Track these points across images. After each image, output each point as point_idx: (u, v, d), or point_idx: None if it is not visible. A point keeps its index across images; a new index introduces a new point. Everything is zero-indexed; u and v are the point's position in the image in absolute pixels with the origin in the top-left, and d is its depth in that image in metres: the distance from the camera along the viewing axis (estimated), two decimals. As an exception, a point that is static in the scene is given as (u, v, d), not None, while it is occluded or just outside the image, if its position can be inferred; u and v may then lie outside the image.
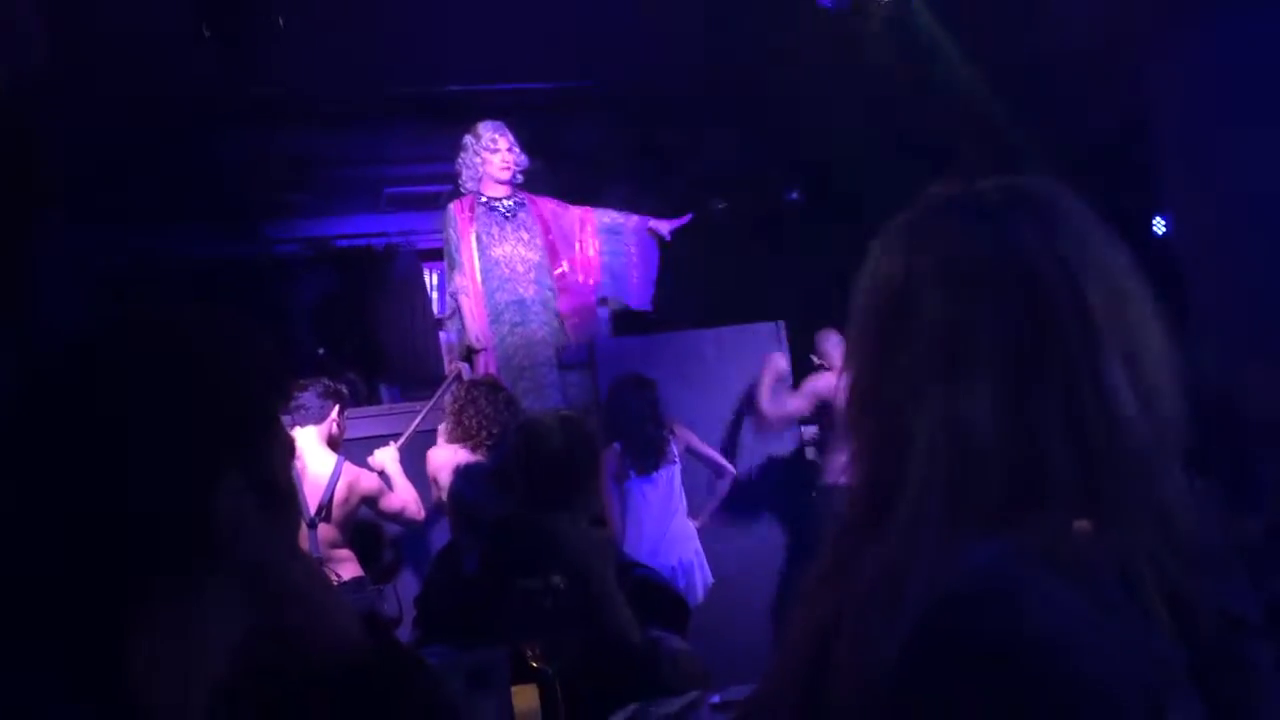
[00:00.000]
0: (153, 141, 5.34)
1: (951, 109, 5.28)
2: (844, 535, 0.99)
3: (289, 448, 1.01)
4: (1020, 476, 0.87)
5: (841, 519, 1.00)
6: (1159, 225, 6.02)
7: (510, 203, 5.30)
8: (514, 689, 1.95)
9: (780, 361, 5.24)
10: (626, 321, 5.59)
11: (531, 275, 5.23)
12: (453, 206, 5.29)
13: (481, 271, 5.13)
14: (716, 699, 2.16)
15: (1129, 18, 4.97)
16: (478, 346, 4.97)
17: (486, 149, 5.20)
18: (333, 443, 4.39)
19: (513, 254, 5.21)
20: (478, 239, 5.17)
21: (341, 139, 6.02)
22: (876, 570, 0.88)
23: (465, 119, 5.45)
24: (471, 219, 5.21)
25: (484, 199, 5.27)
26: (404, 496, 4.41)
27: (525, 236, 5.25)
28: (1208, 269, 4.80)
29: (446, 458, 4.24)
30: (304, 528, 4.13)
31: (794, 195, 6.51)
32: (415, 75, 5.58)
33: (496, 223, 5.23)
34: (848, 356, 1.03)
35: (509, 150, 5.21)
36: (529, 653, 1.90)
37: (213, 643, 0.91)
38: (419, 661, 1.12)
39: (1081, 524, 0.87)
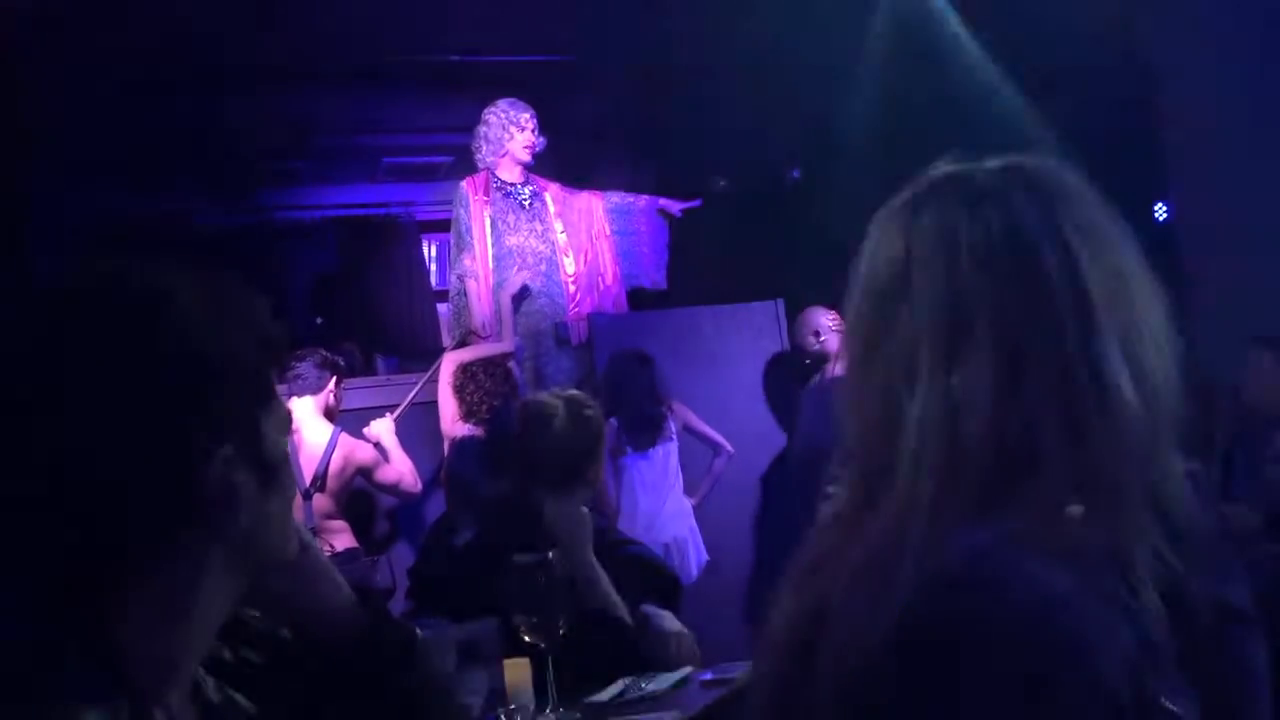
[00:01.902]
0: (150, 104, 5.31)
1: (956, 87, 5.25)
2: (836, 515, 0.99)
3: (285, 419, 1.00)
4: (1013, 458, 0.87)
5: (834, 499, 1.00)
6: (1161, 211, 6.00)
7: (528, 191, 5.21)
8: (505, 662, 1.96)
9: None
10: (634, 300, 5.57)
11: (542, 268, 5.17)
12: (465, 185, 5.20)
13: (494, 259, 5.07)
14: (708, 675, 2.18)
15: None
16: (481, 333, 4.94)
17: (516, 125, 5.09)
18: (329, 414, 4.39)
19: (525, 245, 5.13)
20: (492, 224, 5.09)
21: (341, 107, 5.98)
22: (867, 550, 0.88)
23: (467, 90, 5.41)
24: (487, 201, 5.12)
25: (499, 182, 5.17)
26: (400, 468, 4.42)
27: (539, 228, 5.18)
28: (1209, 256, 4.80)
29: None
30: (299, 498, 4.13)
31: (796, 174, 6.48)
32: (417, 43, 5.54)
33: (513, 210, 5.14)
34: (845, 336, 1.02)
35: (534, 131, 5.12)
36: (521, 627, 1.90)
37: (201, 611, 0.91)
38: (410, 633, 1.12)
39: (1075, 508, 0.87)
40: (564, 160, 5.68)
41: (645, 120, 6.26)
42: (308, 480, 4.23)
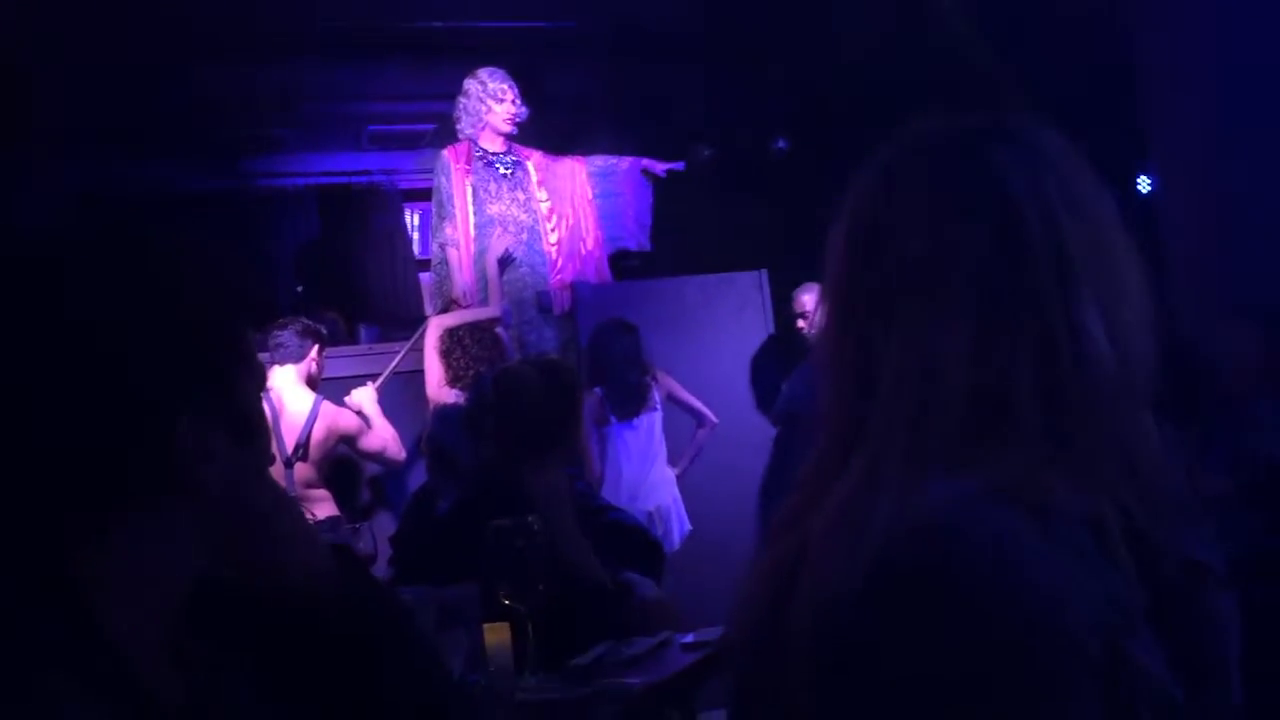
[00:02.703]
0: (136, 69, 5.25)
1: (941, 54, 5.23)
2: (813, 469, 0.99)
3: (260, 378, 1.00)
4: (988, 413, 0.87)
5: (811, 456, 1.01)
6: (1144, 184, 6.01)
7: (509, 160, 5.18)
8: (485, 626, 1.96)
9: None
10: (617, 269, 5.56)
11: (524, 237, 5.15)
12: (447, 153, 5.18)
13: (476, 228, 5.06)
14: (689, 638, 2.19)
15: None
16: (463, 302, 4.93)
17: (493, 98, 5.06)
18: (311, 382, 4.39)
19: (506, 214, 5.11)
20: (474, 193, 5.07)
21: (326, 73, 5.93)
22: (840, 504, 0.89)
23: (451, 57, 5.37)
24: (468, 170, 5.10)
25: (480, 152, 5.15)
26: (383, 435, 4.42)
27: (520, 197, 5.16)
28: (1191, 227, 4.80)
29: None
30: (280, 466, 4.13)
31: (781, 143, 6.46)
32: (402, 10, 5.49)
33: (494, 179, 5.12)
34: (823, 289, 1.02)
35: (513, 103, 5.08)
36: (501, 591, 1.91)
37: (172, 570, 0.90)
38: (390, 593, 1.12)
39: (1048, 463, 0.87)
40: (548, 128, 5.65)
41: (630, 88, 6.23)
42: (289, 449, 4.23)
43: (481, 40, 5.67)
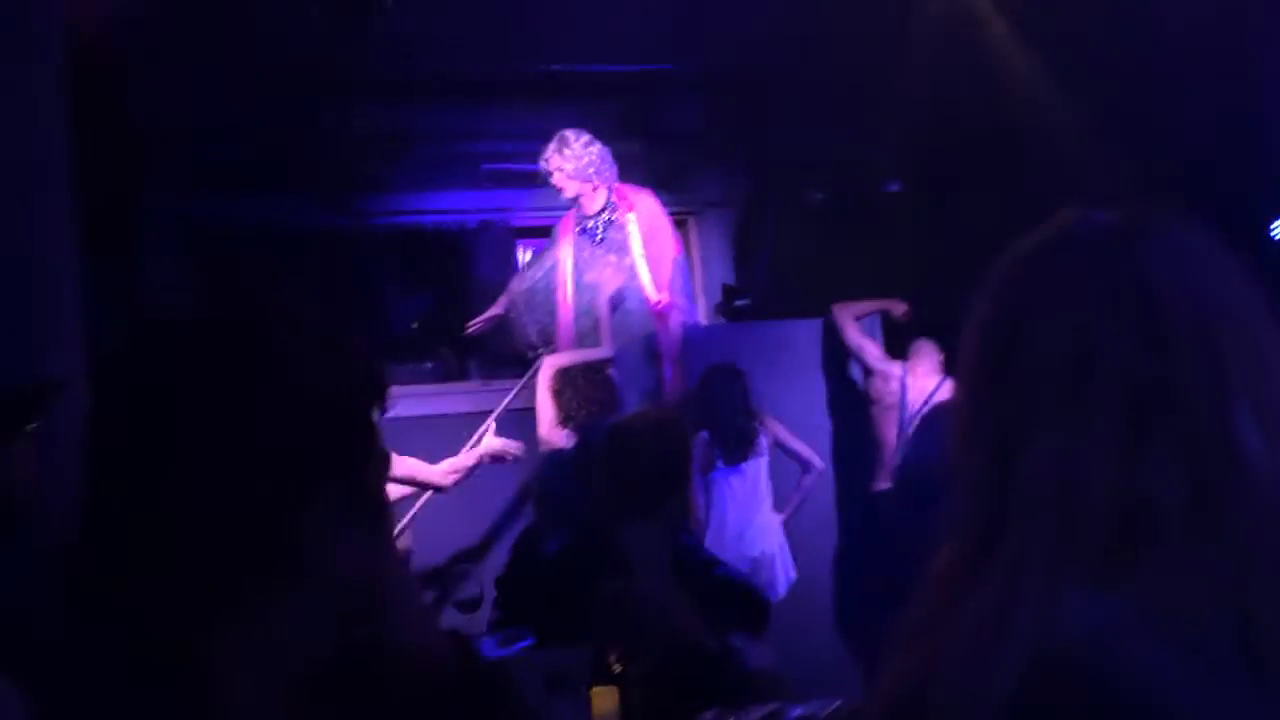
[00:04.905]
0: (257, 107, 5.43)
1: (1065, 105, 5.12)
2: (943, 576, 0.95)
3: (385, 459, 1.00)
4: (1133, 522, 0.83)
5: (940, 558, 0.97)
6: (1278, 230, 5.78)
7: (603, 220, 5.11)
8: (593, 690, 1.95)
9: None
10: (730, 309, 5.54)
11: (622, 296, 5.10)
12: (560, 222, 5.24)
13: (573, 296, 5.07)
14: (798, 711, 2.14)
15: (1247, 13, 4.76)
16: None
17: (551, 165, 4.97)
18: None
19: (598, 279, 5.07)
20: (574, 263, 5.07)
21: (441, 114, 6.05)
22: (977, 617, 0.85)
23: (566, 98, 5.43)
24: (573, 236, 5.13)
25: (579, 217, 5.14)
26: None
27: (614, 260, 5.09)
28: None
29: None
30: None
31: (893, 186, 6.39)
32: (518, 52, 5.59)
33: (589, 245, 5.10)
34: (956, 388, 0.99)
35: (547, 171, 4.95)
36: (609, 656, 1.89)
37: (296, 650, 0.91)
38: (504, 677, 1.11)
39: (1196, 577, 0.82)
40: (658, 169, 5.67)
41: (743, 128, 6.23)
42: None
43: (593, 81, 5.74)
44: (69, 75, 2.90)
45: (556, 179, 4.95)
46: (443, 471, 4.01)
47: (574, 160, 4.93)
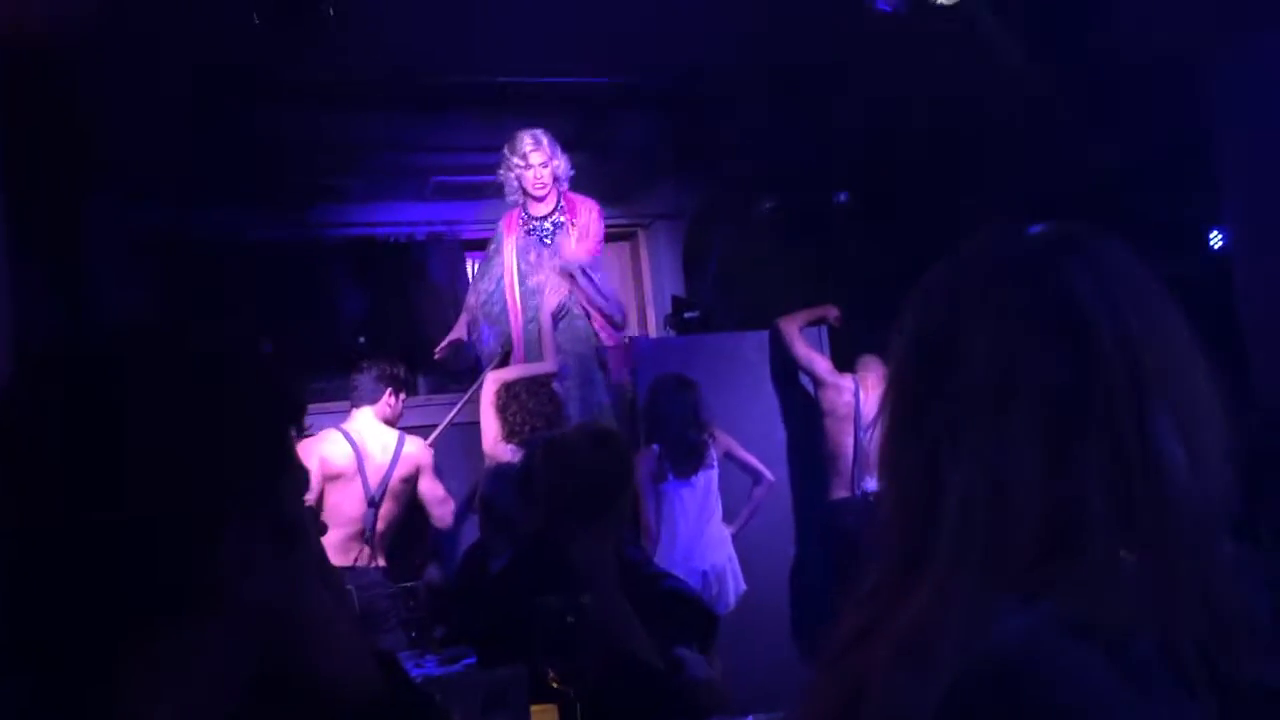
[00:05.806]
0: (204, 120, 5.37)
1: (1009, 115, 5.18)
2: (875, 586, 0.96)
3: (303, 482, 0.98)
4: (1060, 534, 0.85)
5: (870, 570, 0.97)
6: (1216, 239, 5.89)
7: (550, 223, 5.11)
8: (534, 709, 1.92)
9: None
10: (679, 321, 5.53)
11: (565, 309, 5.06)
12: (503, 220, 5.21)
13: (520, 301, 5.05)
14: (741, 725, 2.13)
15: (1194, 24, 4.84)
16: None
17: (520, 164, 5.01)
18: (389, 423, 4.45)
19: (542, 284, 5.04)
20: (518, 266, 5.06)
21: (390, 126, 6.01)
22: (907, 627, 0.85)
23: (515, 111, 5.41)
24: (517, 237, 5.11)
25: (525, 217, 5.13)
26: (442, 492, 4.48)
27: (557, 264, 5.06)
28: (1265, 282, 4.69)
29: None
30: (365, 506, 4.17)
31: (843, 197, 6.43)
32: (466, 64, 5.56)
33: (534, 248, 5.08)
34: (884, 400, 1.00)
35: (543, 165, 4.99)
36: (549, 673, 1.87)
37: (215, 681, 0.89)
38: (431, 700, 1.09)
39: (1121, 587, 0.83)
40: (608, 182, 5.66)
41: (691, 141, 6.24)
42: (374, 489, 4.28)
43: (544, 94, 5.72)
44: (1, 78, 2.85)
45: (544, 178, 5.00)
46: None
47: (564, 162, 5.06)
